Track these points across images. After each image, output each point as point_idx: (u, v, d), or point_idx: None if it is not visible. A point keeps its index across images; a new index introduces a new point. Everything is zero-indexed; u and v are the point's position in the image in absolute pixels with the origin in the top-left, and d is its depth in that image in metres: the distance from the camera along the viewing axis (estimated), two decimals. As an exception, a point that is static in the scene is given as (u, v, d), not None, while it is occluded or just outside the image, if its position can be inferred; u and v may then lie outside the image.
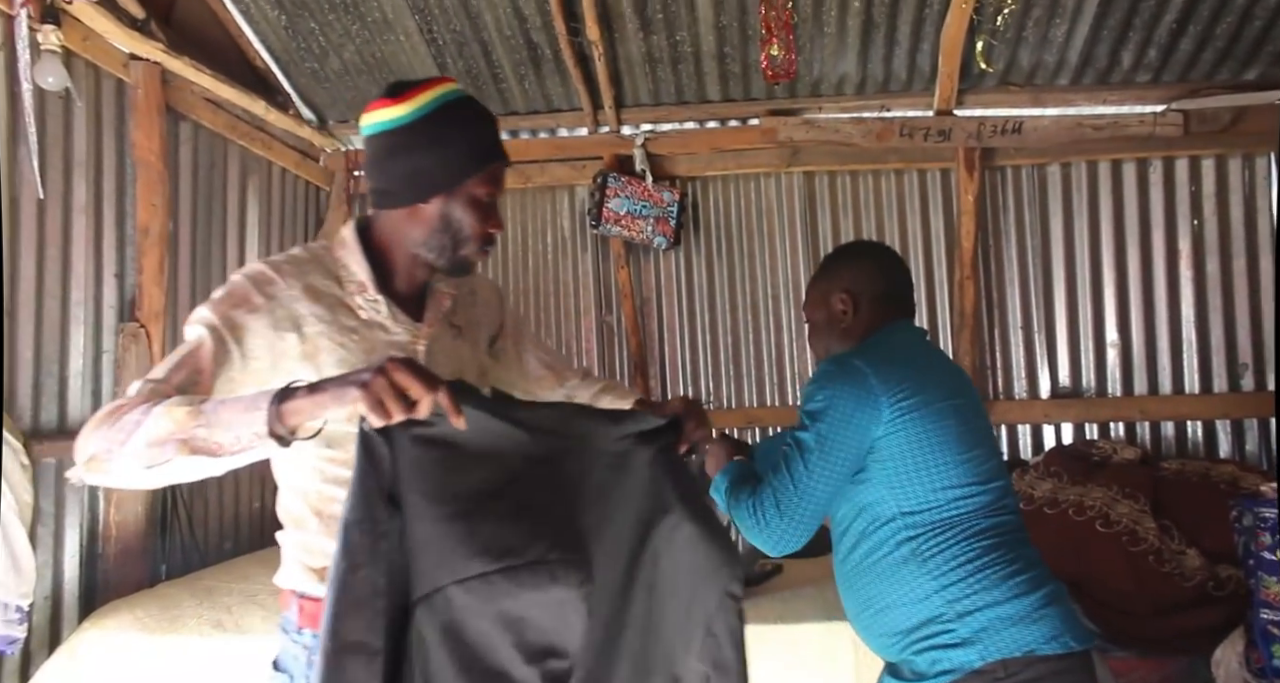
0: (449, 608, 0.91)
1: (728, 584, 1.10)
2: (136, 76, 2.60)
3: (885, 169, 3.61)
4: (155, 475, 1.00)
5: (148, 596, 2.32)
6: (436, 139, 1.15)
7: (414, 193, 1.18)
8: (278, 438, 0.95)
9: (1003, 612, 1.29)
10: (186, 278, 2.93)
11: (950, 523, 1.35)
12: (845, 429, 1.36)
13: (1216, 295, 3.40)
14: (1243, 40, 3.08)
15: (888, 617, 1.37)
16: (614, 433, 1.09)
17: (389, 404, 0.89)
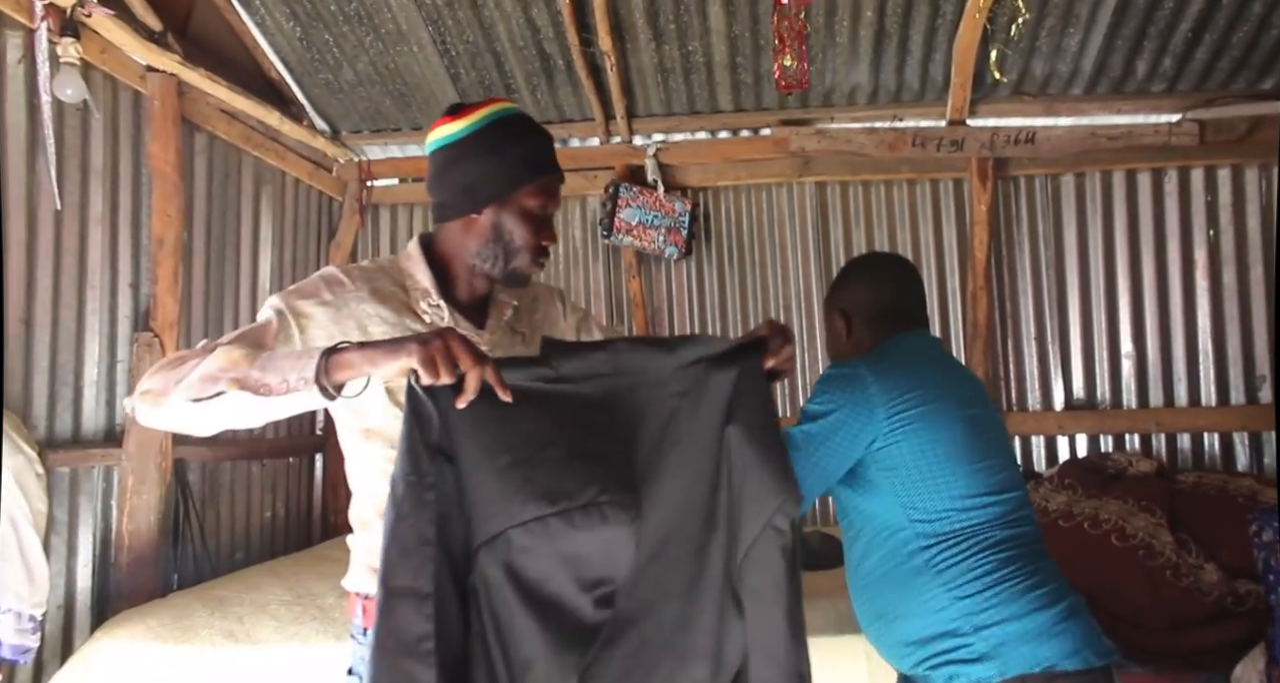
0: (510, 550, 0.97)
1: (773, 517, 1.09)
2: (153, 88, 2.62)
3: (898, 179, 3.61)
4: (202, 412, 1.05)
5: (160, 605, 2.32)
6: (488, 151, 1.21)
7: (468, 203, 1.23)
8: (322, 388, 1.00)
9: (1021, 626, 1.27)
10: (200, 288, 2.94)
11: (965, 534, 1.33)
12: (834, 434, 1.36)
13: (1233, 306, 3.37)
14: (1259, 49, 3.06)
15: (901, 627, 1.36)
16: (672, 362, 1.11)
17: (440, 365, 0.95)
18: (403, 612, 0.91)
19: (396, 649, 0.91)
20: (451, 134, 1.23)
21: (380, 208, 3.90)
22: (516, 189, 1.23)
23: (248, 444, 3.19)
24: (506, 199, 1.23)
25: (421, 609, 0.91)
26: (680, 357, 1.12)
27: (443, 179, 1.25)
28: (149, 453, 2.53)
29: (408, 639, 0.91)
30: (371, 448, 1.22)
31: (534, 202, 1.24)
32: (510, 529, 0.97)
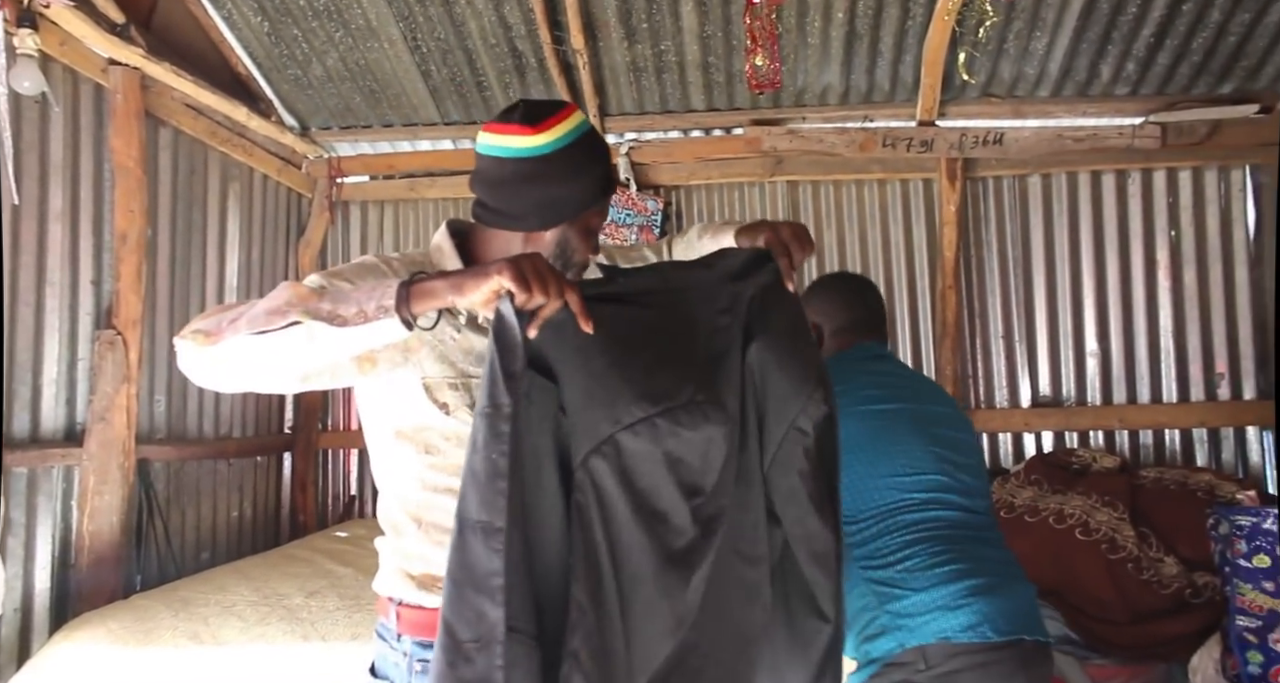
0: (619, 455, 0.97)
1: (796, 418, 1.11)
2: (115, 81, 2.57)
3: (868, 179, 3.64)
4: (264, 349, 0.99)
5: (121, 607, 2.28)
6: (571, 172, 1.17)
7: (540, 220, 1.18)
8: (403, 318, 0.96)
9: (921, 599, 1.31)
10: (165, 285, 2.90)
11: (874, 517, 1.39)
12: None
13: (1193, 306, 3.44)
14: (1218, 55, 3.13)
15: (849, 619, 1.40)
16: (711, 278, 1.13)
17: (534, 283, 0.93)
18: (474, 546, 0.90)
19: (467, 582, 0.91)
20: (533, 148, 1.14)
21: (350, 205, 3.87)
22: (589, 208, 1.19)
23: (214, 443, 3.15)
24: (577, 218, 1.19)
25: (491, 544, 0.90)
26: (717, 271, 1.15)
27: (513, 191, 1.17)
28: (111, 453, 2.48)
29: (478, 574, 0.90)
30: (403, 450, 1.19)
31: (598, 220, 1.23)
32: (618, 433, 0.96)
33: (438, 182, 3.77)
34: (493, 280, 0.94)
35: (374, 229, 3.88)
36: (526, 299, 0.93)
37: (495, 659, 0.88)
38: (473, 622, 0.89)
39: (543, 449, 0.97)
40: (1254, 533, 2.27)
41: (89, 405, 2.48)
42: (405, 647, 1.17)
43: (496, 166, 1.17)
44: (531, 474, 0.95)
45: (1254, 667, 2.15)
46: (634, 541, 0.97)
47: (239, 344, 1.00)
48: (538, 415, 0.97)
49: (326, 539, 3.22)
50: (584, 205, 1.19)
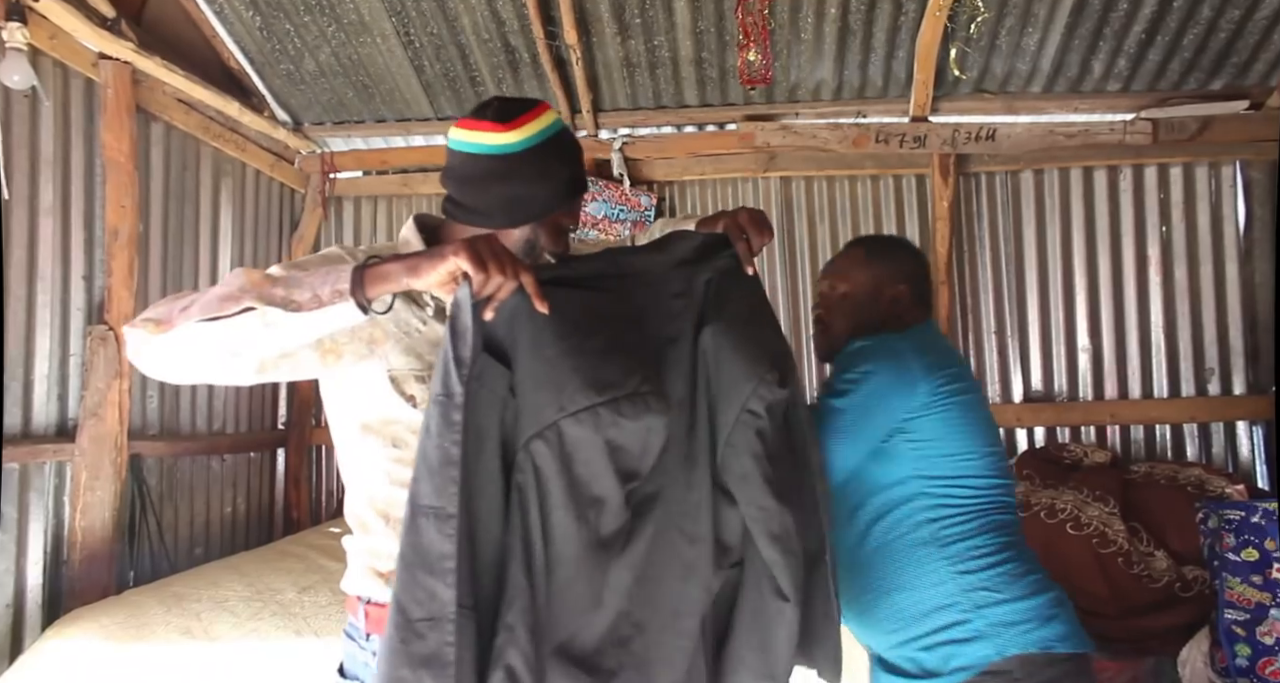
0: (561, 440, 0.98)
1: (747, 401, 1.12)
2: (106, 76, 2.56)
3: (861, 175, 3.64)
4: (215, 337, 0.97)
5: (114, 603, 2.28)
6: (542, 172, 1.17)
7: (509, 218, 1.17)
8: (358, 303, 0.96)
9: (1019, 608, 1.28)
10: (157, 280, 2.89)
11: (974, 512, 1.34)
12: (876, 405, 1.36)
13: (1184, 302, 3.46)
14: (1208, 51, 3.14)
15: (893, 600, 1.34)
16: (664, 261, 1.15)
17: (489, 264, 0.93)
18: (426, 531, 0.93)
19: (419, 563, 0.93)
20: (505, 146, 1.13)
21: (344, 200, 3.86)
22: (560, 207, 1.19)
23: (208, 439, 3.14)
24: (546, 218, 1.18)
25: (444, 529, 0.92)
26: (671, 255, 1.16)
27: (483, 188, 1.16)
28: (103, 448, 2.48)
29: (430, 557, 0.92)
30: (370, 444, 1.17)
31: (568, 219, 1.22)
32: (562, 420, 0.98)
33: (431, 177, 3.77)
34: (449, 262, 0.93)
35: (367, 224, 3.87)
36: (483, 280, 0.93)
37: (446, 636, 0.91)
38: (425, 602, 0.92)
39: (488, 430, 0.98)
40: (1242, 527, 2.28)
41: (81, 401, 2.47)
42: (374, 646, 1.15)
43: (467, 163, 1.17)
44: (474, 454, 0.97)
45: (1242, 659, 2.17)
46: (565, 523, 1.00)
47: (190, 331, 0.98)
48: (487, 398, 0.98)
49: (320, 535, 3.22)
50: (553, 205, 1.18)
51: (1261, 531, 2.25)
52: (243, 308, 0.96)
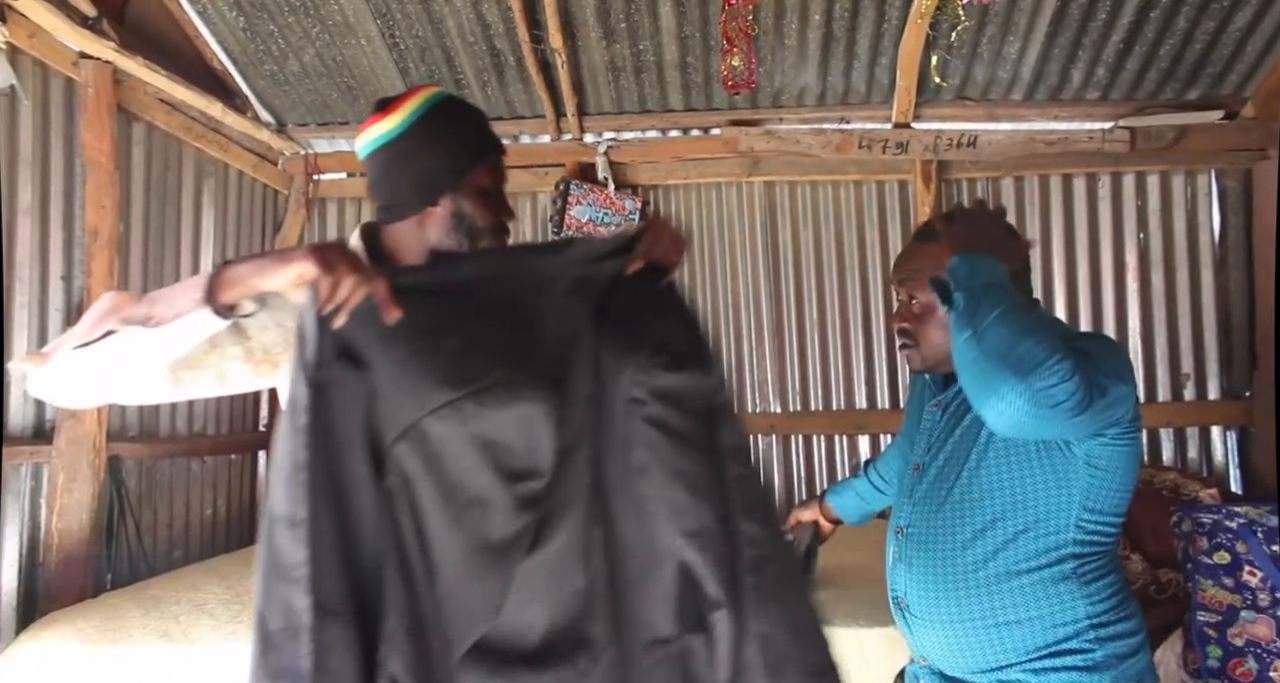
0: (426, 441, 0.96)
1: (629, 390, 1.10)
2: (86, 75, 2.54)
3: (844, 180, 3.67)
4: (91, 362, 0.99)
5: (91, 606, 2.26)
6: (433, 141, 1.18)
7: (422, 197, 1.19)
8: (215, 309, 0.96)
9: (1132, 642, 1.26)
10: (138, 282, 2.87)
11: (1109, 550, 1.28)
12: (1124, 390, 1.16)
13: (1160, 308, 3.50)
14: (1184, 61, 3.19)
15: (1012, 632, 1.25)
16: (559, 262, 1.12)
17: (339, 266, 0.92)
18: (280, 538, 0.92)
19: (275, 573, 0.93)
20: (388, 132, 1.18)
21: (328, 202, 3.85)
22: (468, 173, 1.20)
23: (187, 441, 3.12)
24: (460, 184, 1.19)
25: (296, 536, 0.91)
26: (568, 257, 1.13)
27: (389, 179, 1.20)
28: (81, 450, 2.46)
29: (284, 565, 0.92)
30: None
31: (487, 180, 1.22)
32: (423, 419, 0.96)
33: (416, 179, 3.76)
34: (295, 265, 0.93)
35: (351, 226, 3.85)
36: (328, 286, 0.92)
37: (302, 648, 0.89)
38: (282, 612, 0.91)
39: (353, 438, 0.97)
40: (1215, 530, 2.32)
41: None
42: None
43: (370, 162, 1.21)
44: (337, 461, 0.96)
45: (1213, 661, 2.20)
46: (440, 526, 0.97)
47: (65, 361, 1.00)
48: (347, 404, 0.97)
49: (301, 538, 3.20)
50: (460, 170, 1.19)
51: (1233, 534, 2.28)
52: (105, 332, 0.98)
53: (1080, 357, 1.08)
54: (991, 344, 1.10)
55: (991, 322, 1.11)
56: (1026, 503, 1.24)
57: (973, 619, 1.26)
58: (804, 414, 3.66)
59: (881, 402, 3.63)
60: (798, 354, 3.68)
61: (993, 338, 1.10)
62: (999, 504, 1.26)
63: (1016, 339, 1.08)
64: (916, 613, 1.33)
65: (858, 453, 3.64)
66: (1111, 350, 1.22)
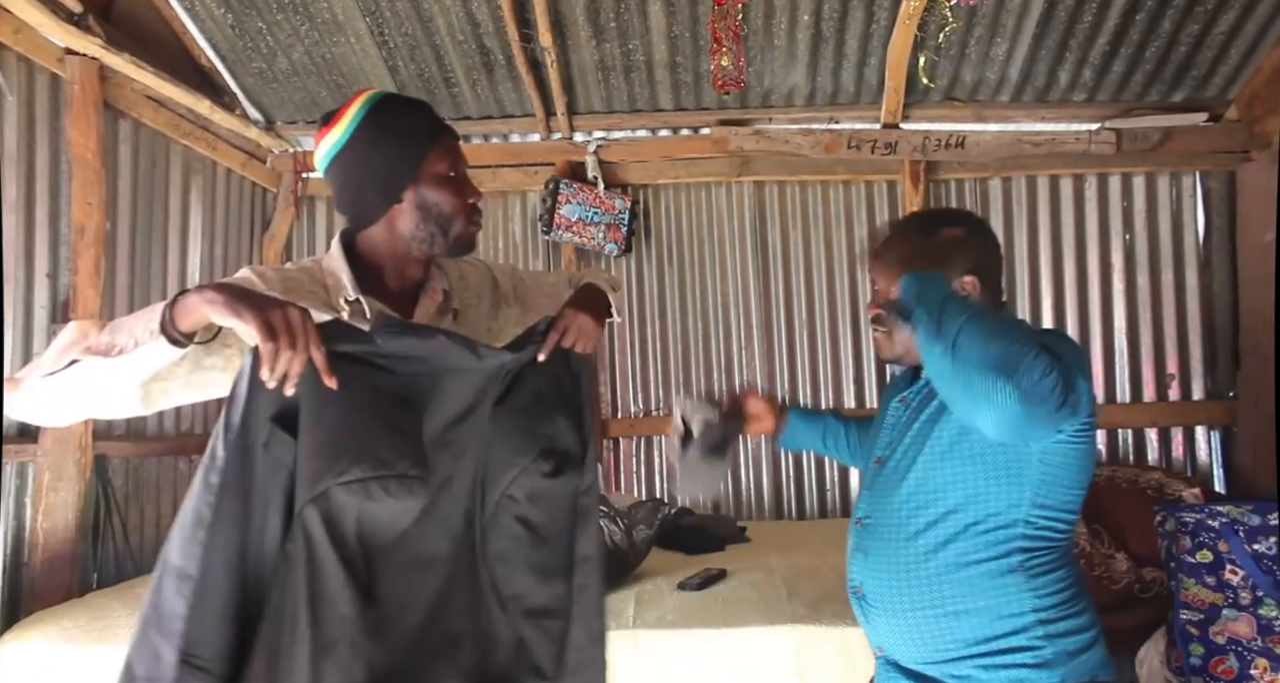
0: (329, 505, 1.01)
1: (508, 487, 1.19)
2: (72, 72, 2.53)
3: (833, 180, 3.69)
4: (59, 389, 1.04)
5: (76, 605, 2.25)
6: (379, 139, 1.20)
7: (384, 197, 1.22)
8: (170, 337, 0.99)
9: (1083, 638, 1.26)
10: (125, 279, 2.86)
11: (1060, 545, 1.29)
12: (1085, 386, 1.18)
13: (1146, 308, 3.53)
14: (1169, 64, 3.22)
15: (959, 622, 1.27)
16: (480, 366, 1.17)
17: (283, 338, 0.96)
18: (166, 589, 0.97)
19: (153, 622, 0.97)
20: (336, 141, 1.21)
21: (316, 200, 3.83)
22: (421, 162, 1.22)
23: (175, 440, 3.11)
24: (417, 175, 1.21)
25: (181, 589, 0.95)
26: (486, 362, 1.17)
27: (349, 187, 1.23)
28: (67, 449, 2.45)
29: (164, 616, 0.96)
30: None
31: (443, 165, 1.24)
32: (333, 486, 1.00)
33: (405, 177, 3.75)
34: (244, 323, 0.96)
35: (340, 224, 3.82)
36: (271, 351, 0.95)
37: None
38: (149, 661, 0.96)
39: (271, 500, 1.01)
40: (1198, 529, 2.34)
41: (44, 401, 2.44)
42: None
43: (329, 176, 1.25)
44: (255, 523, 1.00)
45: (1195, 659, 2.22)
46: (338, 585, 1.02)
47: (35, 388, 1.05)
48: (271, 465, 1.01)
49: (289, 537, 3.20)
50: (412, 161, 1.21)
51: (1216, 533, 2.31)
52: (70, 361, 1.02)
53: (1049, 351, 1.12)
54: (968, 352, 1.12)
55: (961, 331, 1.14)
56: (979, 497, 1.26)
57: (920, 608, 1.28)
58: (793, 413, 3.66)
59: (870, 401, 3.65)
60: (787, 354, 3.69)
61: (967, 346, 1.12)
62: (952, 498, 1.28)
63: (990, 342, 1.11)
64: (871, 602, 1.35)
65: (846, 452, 3.66)
66: (1072, 346, 1.24)
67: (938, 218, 1.42)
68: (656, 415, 3.70)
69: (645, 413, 3.73)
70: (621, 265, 3.75)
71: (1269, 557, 2.21)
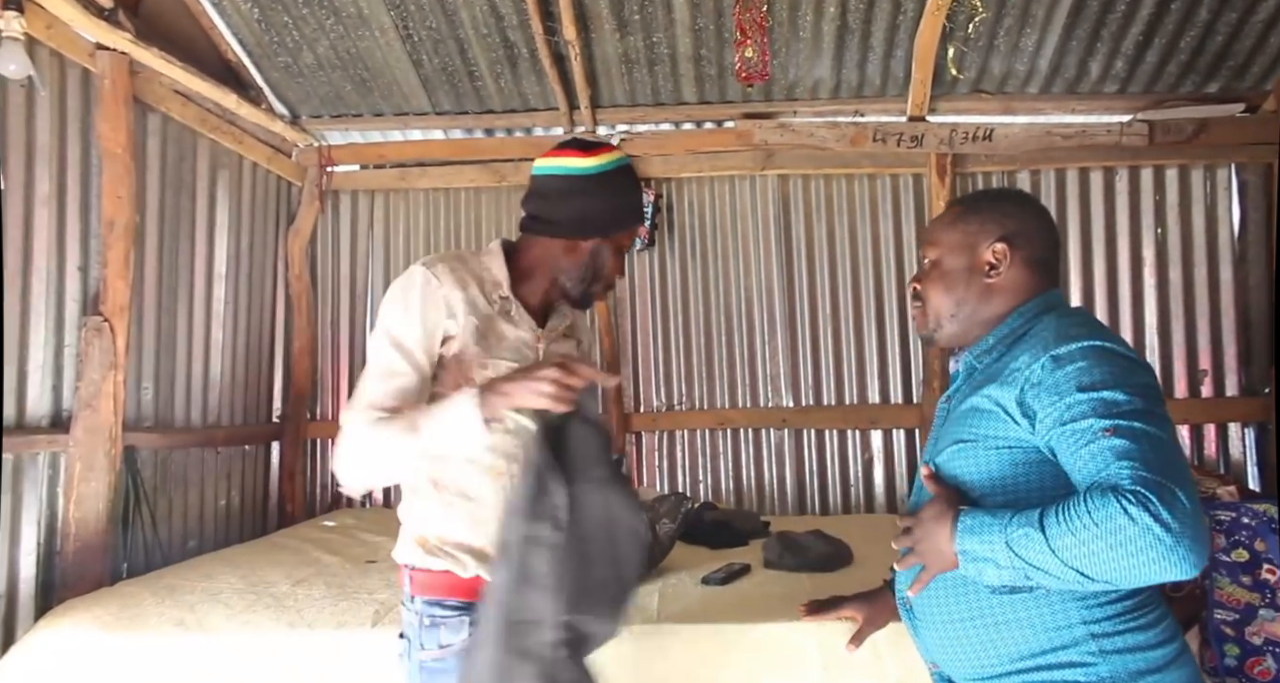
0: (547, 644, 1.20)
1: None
2: (103, 66, 2.55)
3: (859, 173, 3.65)
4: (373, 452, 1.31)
5: (107, 594, 2.28)
6: (614, 192, 1.43)
7: (580, 230, 1.43)
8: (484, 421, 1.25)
9: (1153, 657, 1.13)
10: (153, 272, 2.89)
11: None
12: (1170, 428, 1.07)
13: (1178, 304, 3.47)
14: (1205, 53, 3.15)
15: (1004, 633, 1.18)
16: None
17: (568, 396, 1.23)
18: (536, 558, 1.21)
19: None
20: (582, 168, 1.41)
21: (341, 194, 3.85)
22: (623, 228, 1.46)
23: (202, 432, 3.14)
24: (611, 235, 1.44)
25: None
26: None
27: (563, 202, 1.42)
28: (97, 440, 2.48)
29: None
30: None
31: (628, 241, 1.49)
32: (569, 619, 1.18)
33: (429, 171, 3.77)
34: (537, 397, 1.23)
35: (364, 218, 3.87)
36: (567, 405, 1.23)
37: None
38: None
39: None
40: (1233, 528, 2.29)
41: (75, 392, 2.47)
42: (417, 607, 1.37)
43: (551, 182, 1.43)
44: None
45: (1231, 659, 2.18)
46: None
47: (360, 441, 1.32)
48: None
49: (314, 528, 3.22)
50: (620, 224, 1.45)
51: (1252, 531, 2.26)
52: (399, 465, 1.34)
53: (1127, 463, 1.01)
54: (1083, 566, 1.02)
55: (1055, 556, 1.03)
56: (1011, 499, 1.16)
57: (964, 620, 1.21)
58: (816, 408, 3.64)
59: (895, 397, 3.62)
60: (810, 348, 3.66)
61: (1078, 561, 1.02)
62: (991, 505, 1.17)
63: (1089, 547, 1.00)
64: (919, 613, 1.29)
65: (870, 448, 3.63)
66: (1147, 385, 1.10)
67: (984, 192, 1.44)
68: (679, 410, 3.69)
69: (668, 407, 3.71)
70: (645, 259, 3.74)
71: (1308, 556, 2.16)
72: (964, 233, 1.31)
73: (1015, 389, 1.15)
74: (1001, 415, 1.17)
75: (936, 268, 1.33)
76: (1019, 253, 1.28)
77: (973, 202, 1.37)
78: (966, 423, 1.23)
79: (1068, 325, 1.20)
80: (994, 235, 1.29)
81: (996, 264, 1.28)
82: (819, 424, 3.64)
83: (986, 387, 1.20)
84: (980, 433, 1.20)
